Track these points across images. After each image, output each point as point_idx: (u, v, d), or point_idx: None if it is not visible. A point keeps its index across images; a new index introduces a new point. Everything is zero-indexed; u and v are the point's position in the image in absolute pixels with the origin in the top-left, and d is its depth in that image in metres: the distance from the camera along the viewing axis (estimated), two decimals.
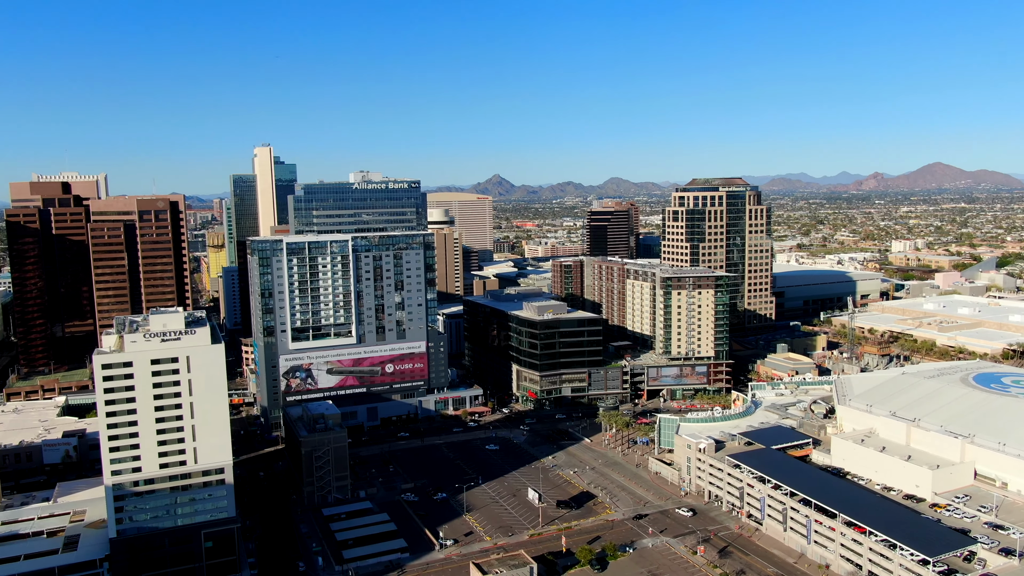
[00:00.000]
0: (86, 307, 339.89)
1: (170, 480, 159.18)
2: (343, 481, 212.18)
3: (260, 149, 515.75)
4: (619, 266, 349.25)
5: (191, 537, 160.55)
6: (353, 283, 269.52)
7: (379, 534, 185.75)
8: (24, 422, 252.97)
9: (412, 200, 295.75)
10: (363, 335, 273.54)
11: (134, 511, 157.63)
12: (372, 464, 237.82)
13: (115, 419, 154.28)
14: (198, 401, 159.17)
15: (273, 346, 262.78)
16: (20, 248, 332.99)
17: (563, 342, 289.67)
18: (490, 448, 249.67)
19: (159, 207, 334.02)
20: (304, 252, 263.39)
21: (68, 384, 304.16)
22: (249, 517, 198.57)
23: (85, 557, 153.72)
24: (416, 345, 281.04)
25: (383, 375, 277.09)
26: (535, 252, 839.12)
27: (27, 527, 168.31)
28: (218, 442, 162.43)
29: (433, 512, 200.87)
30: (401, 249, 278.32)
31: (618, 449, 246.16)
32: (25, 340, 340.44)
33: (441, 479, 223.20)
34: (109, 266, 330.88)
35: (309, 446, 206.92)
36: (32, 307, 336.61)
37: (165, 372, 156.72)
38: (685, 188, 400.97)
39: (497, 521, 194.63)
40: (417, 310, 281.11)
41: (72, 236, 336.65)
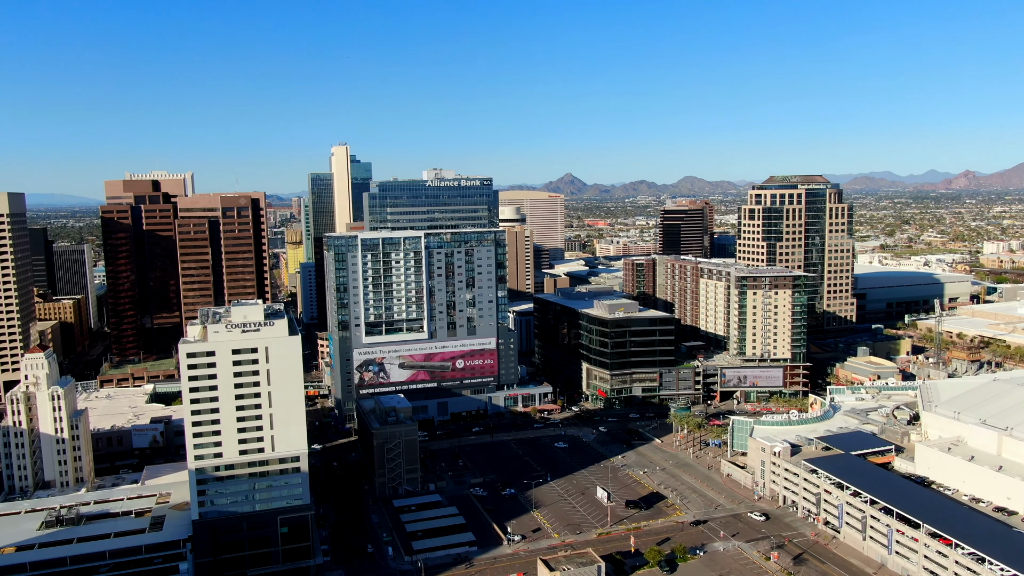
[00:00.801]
0: (173, 300, 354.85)
1: (248, 466, 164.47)
2: (413, 474, 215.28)
3: (337, 148, 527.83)
4: (692, 265, 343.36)
5: (268, 522, 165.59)
6: (425, 279, 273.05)
7: (448, 527, 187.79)
8: (115, 408, 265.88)
9: (484, 198, 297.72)
10: (434, 330, 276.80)
11: (215, 495, 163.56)
12: (442, 458, 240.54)
13: (198, 406, 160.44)
14: (276, 390, 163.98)
15: (347, 340, 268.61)
16: (114, 243, 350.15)
17: (634, 341, 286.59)
18: (559, 446, 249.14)
19: (241, 204, 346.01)
20: (378, 248, 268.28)
21: (156, 373, 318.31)
22: (323, 505, 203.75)
23: (170, 537, 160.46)
24: (486, 341, 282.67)
25: (453, 370, 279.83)
26: (606, 251, 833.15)
27: (117, 507, 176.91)
28: (294, 431, 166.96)
29: (501, 507, 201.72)
30: (473, 246, 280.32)
31: (689, 450, 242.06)
32: (117, 331, 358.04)
33: (510, 475, 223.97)
34: (194, 260, 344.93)
35: (381, 438, 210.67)
36: (124, 299, 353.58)
37: (245, 362, 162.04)
38: (762, 186, 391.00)
39: (565, 519, 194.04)
40: (488, 307, 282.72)
41: (161, 232, 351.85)
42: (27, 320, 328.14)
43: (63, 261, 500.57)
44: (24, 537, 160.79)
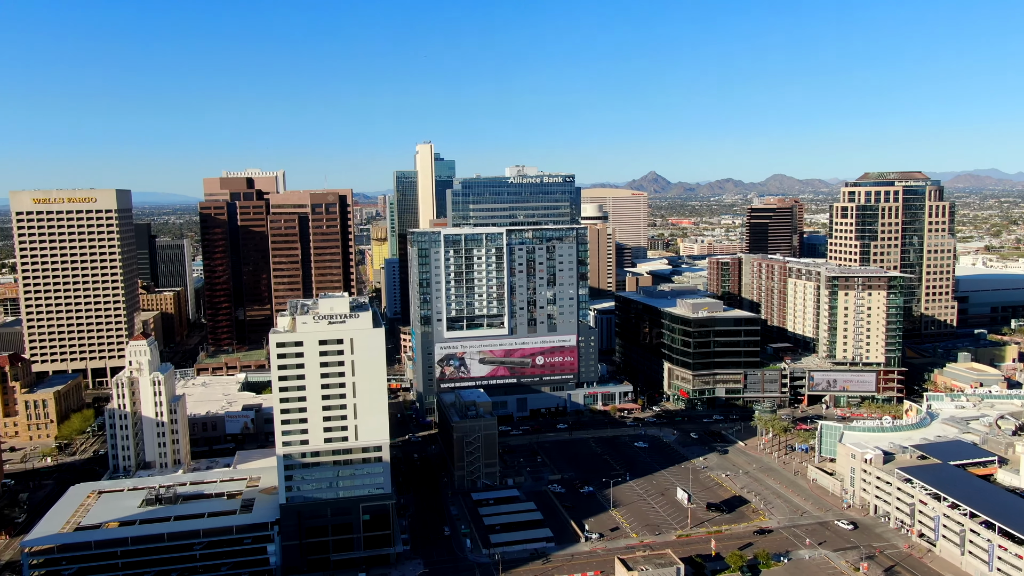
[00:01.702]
0: (264, 293, 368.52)
1: (333, 454, 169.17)
2: (492, 468, 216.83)
3: (421, 146, 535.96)
4: (780, 264, 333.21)
5: (350, 509, 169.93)
6: (506, 275, 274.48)
7: (526, 522, 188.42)
8: (210, 395, 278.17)
9: (566, 194, 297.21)
10: (515, 327, 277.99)
11: (301, 481, 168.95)
12: (520, 453, 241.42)
13: (287, 394, 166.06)
14: (359, 381, 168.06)
15: (429, 334, 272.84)
16: (210, 238, 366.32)
17: (718, 341, 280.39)
18: (639, 445, 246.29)
19: (329, 200, 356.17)
20: (460, 244, 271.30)
21: (248, 363, 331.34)
22: (403, 495, 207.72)
23: (259, 519, 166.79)
24: (567, 338, 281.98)
25: (533, 367, 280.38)
26: (690, 250, 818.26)
27: (211, 488, 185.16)
28: (377, 421, 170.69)
29: (579, 505, 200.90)
30: (554, 243, 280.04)
31: (774, 455, 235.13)
32: (213, 322, 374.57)
33: (588, 473, 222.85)
34: (285, 255, 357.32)
35: (461, 431, 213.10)
36: (219, 292, 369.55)
37: (331, 352, 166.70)
38: (856, 183, 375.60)
39: (644, 518, 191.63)
40: (568, 304, 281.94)
41: (254, 227, 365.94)
42: (132, 310, 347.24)
43: (165, 255, 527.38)
44: (126, 513, 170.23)
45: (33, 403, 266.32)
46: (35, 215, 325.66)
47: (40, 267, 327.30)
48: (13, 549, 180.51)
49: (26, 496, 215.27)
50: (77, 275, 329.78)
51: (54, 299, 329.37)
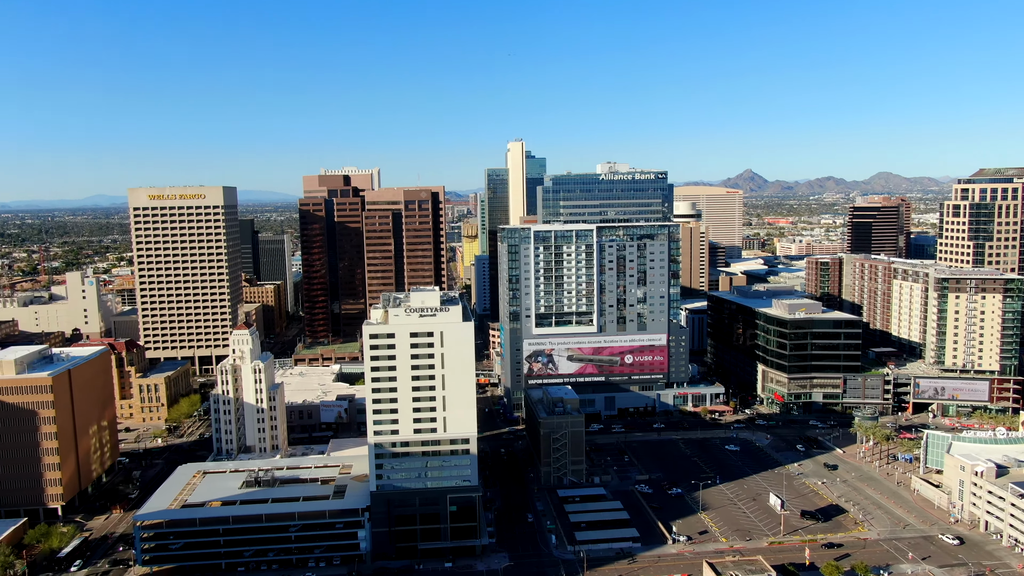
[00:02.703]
0: (359, 287, 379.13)
1: (422, 445, 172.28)
2: (579, 465, 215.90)
3: (513, 144, 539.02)
4: (885, 265, 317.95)
5: (438, 499, 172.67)
6: (596, 272, 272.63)
7: (612, 520, 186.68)
8: (307, 384, 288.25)
9: (658, 191, 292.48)
10: (604, 324, 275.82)
11: (391, 470, 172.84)
12: (607, 452, 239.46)
13: (378, 384, 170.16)
14: (449, 374, 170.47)
15: (518, 330, 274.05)
16: (309, 233, 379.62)
17: (816, 343, 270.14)
18: (729, 448, 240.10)
19: (422, 197, 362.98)
20: (550, 241, 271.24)
21: (342, 355, 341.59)
22: (490, 489, 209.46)
23: (350, 505, 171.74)
24: (657, 337, 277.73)
25: (622, 365, 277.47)
26: (788, 250, 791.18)
27: (306, 473, 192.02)
28: (465, 414, 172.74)
29: (667, 506, 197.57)
30: (645, 240, 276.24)
31: (875, 463, 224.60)
32: (310, 315, 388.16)
33: (676, 474, 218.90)
34: (378, 250, 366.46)
35: (548, 428, 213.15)
36: (316, 286, 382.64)
37: (421, 345, 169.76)
38: (970, 180, 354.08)
39: (734, 523, 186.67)
40: (659, 302, 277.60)
41: (350, 223, 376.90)
42: (236, 301, 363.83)
43: (266, 250, 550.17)
44: (228, 494, 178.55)
45: (146, 387, 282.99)
46: (150, 211, 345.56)
47: (154, 260, 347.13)
48: (126, 522, 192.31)
49: (139, 474, 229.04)
50: (187, 268, 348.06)
51: (166, 290, 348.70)
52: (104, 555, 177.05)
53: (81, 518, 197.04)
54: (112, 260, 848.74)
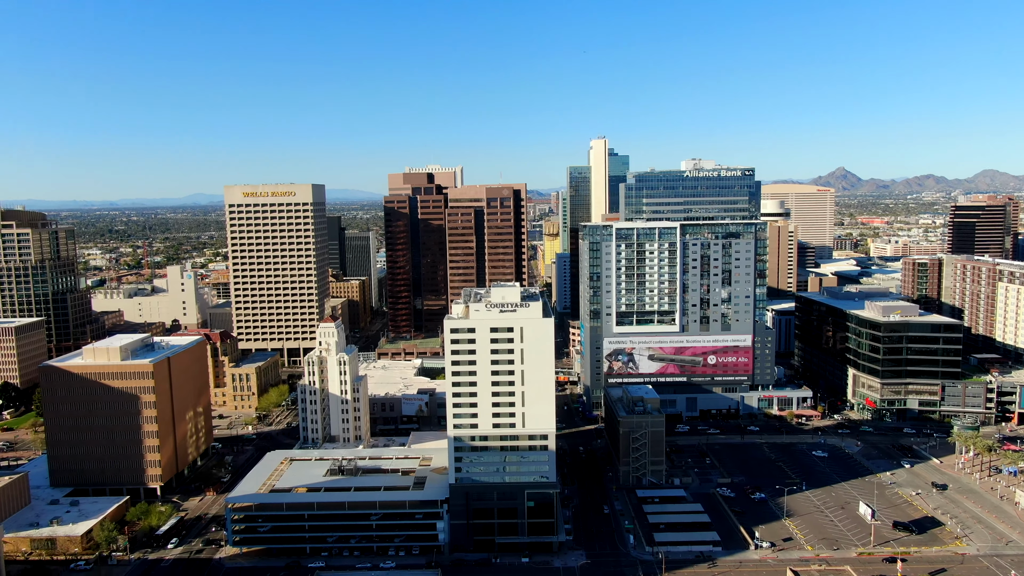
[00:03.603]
0: (441, 284, 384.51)
1: (500, 440, 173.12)
2: (658, 466, 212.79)
3: (596, 141, 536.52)
4: (990, 266, 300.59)
5: (515, 494, 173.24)
6: (679, 271, 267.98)
7: (692, 523, 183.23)
8: (389, 378, 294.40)
9: (745, 189, 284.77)
10: (686, 324, 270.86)
11: (469, 464, 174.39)
12: (688, 454, 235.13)
13: (458, 379, 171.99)
14: (528, 369, 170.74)
15: (598, 328, 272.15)
16: (393, 231, 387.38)
17: (911, 348, 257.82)
18: (817, 454, 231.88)
19: (504, 195, 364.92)
20: (632, 238, 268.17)
21: (424, 350, 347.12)
22: (567, 487, 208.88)
23: (430, 496, 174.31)
24: (741, 338, 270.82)
25: (704, 366, 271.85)
26: (882, 251, 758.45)
27: (387, 464, 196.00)
28: (543, 410, 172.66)
29: (750, 511, 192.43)
30: (731, 239, 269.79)
31: (975, 475, 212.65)
32: (393, 310, 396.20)
33: (760, 478, 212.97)
34: (460, 247, 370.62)
35: (627, 427, 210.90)
36: (400, 282, 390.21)
37: (501, 340, 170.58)
38: None
39: (820, 531, 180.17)
40: (744, 302, 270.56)
41: (433, 221, 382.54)
42: (323, 296, 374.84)
43: (352, 247, 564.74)
44: (313, 481, 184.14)
45: (238, 376, 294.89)
46: (244, 207, 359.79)
47: (247, 255, 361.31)
48: (219, 504, 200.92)
49: (231, 458, 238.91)
50: (277, 262, 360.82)
51: (258, 284, 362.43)
52: (198, 534, 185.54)
53: (178, 498, 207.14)
54: (209, 255, 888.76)
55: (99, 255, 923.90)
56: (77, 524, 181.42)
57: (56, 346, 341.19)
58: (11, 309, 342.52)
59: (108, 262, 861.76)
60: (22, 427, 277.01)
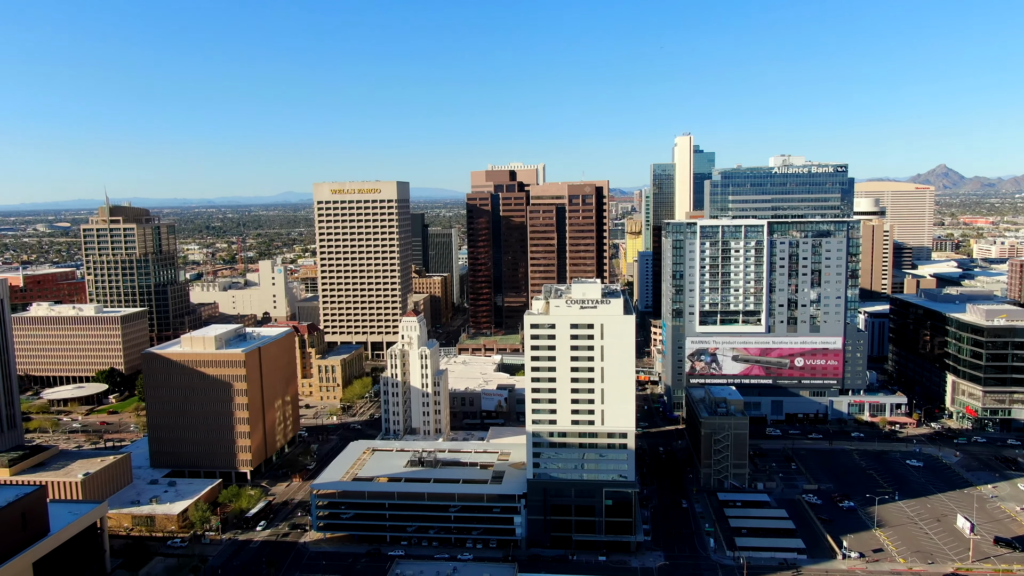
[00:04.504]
0: (521, 281, 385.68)
1: (579, 436, 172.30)
2: (741, 469, 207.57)
3: (680, 138, 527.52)
4: None
5: (593, 492, 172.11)
6: (766, 270, 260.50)
7: (775, 529, 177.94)
8: (469, 373, 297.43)
9: (837, 186, 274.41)
10: (772, 325, 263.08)
11: (547, 460, 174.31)
12: (772, 458, 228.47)
13: (538, 374, 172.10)
14: (608, 367, 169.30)
15: (680, 328, 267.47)
16: (475, 227, 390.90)
17: (1017, 354, 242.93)
18: (911, 463, 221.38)
19: (586, 192, 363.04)
20: (717, 236, 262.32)
21: (504, 346, 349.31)
22: (646, 487, 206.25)
23: (507, 491, 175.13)
24: (831, 341, 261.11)
25: (791, 368, 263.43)
26: (987, 252, 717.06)
27: (466, 457, 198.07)
28: (623, 408, 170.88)
29: (837, 519, 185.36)
30: (821, 238, 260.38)
31: None
32: (474, 306, 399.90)
33: (849, 486, 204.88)
34: (542, 244, 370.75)
35: (709, 428, 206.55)
36: (481, 279, 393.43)
37: (581, 336, 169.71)
38: None
39: (913, 543, 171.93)
40: (834, 304, 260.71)
41: (515, 218, 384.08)
42: (406, 291, 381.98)
43: (435, 243, 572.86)
44: (394, 471, 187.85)
45: (325, 368, 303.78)
46: (332, 204, 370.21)
47: (334, 250, 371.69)
48: (304, 491, 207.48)
49: (316, 447, 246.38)
50: (363, 258, 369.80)
51: (344, 278, 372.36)
52: (285, 518, 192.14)
53: (266, 483, 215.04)
54: (298, 251, 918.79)
55: (197, 250, 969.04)
56: (174, 504, 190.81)
57: (157, 335, 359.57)
58: (117, 299, 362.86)
59: (205, 257, 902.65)
60: (126, 411, 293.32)
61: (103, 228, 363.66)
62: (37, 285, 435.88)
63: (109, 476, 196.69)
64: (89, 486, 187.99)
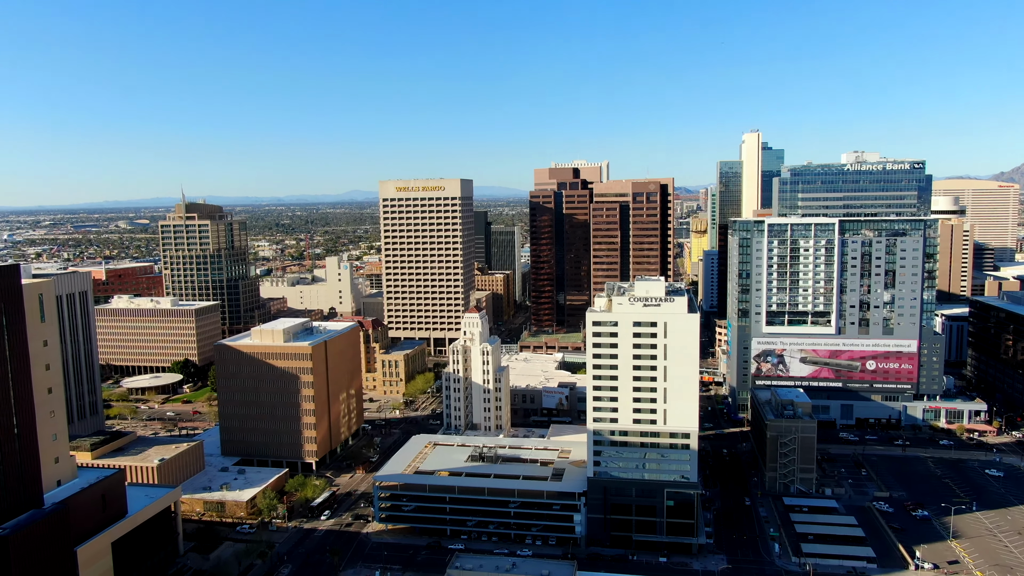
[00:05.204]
0: (584, 279, 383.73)
1: (640, 436, 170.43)
2: (808, 474, 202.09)
3: (748, 135, 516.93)
4: None
5: (654, 492, 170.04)
6: (837, 269, 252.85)
7: (844, 536, 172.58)
8: (530, 370, 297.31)
9: (913, 183, 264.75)
10: (843, 326, 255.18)
11: (608, 458, 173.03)
12: (841, 464, 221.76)
13: (599, 372, 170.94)
14: (671, 366, 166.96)
15: (746, 328, 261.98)
16: (538, 225, 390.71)
17: None
18: (991, 473, 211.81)
19: (650, 189, 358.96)
20: (785, 234, 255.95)
21: (565, 344, 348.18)
22: (709, 489, 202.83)
23: (568, 488, 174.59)
24: (905, 344, 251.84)
25: (862, 372, 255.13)
26: None
27: (526, 454, 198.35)
28: (686, 408, 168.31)
29: (910, 528, 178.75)
30: (895, 237, 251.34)
31: None
32: (536, 304, 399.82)
33: (923, 495, 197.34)
34: (605, 242, 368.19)
35: (775, 430, 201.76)
36: (543, 277, 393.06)
37: (644, 335, 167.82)
38: None
39: (992, 556, 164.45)
40: (909, 306, 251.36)
41: (578, 216, 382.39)
42: (468, 288, 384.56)
43: (497, 241, 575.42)
44: (455, 465, 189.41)
45: (388, 363, 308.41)
46: (397, 201, 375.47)
47: (398, 247, 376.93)
48: (367, 482, 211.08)
49: (379, 440, 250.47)
50: (426, 254, 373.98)
51: (407, 275, 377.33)
52: (348, 509, 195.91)
53: (330, 474, 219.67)
54: (364, 248, 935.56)
55: (267, 246, 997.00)
56: (243, 491, 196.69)
57: (228, 328, 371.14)
58: (191, 293, 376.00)
59: (274, 253, 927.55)
60: (199, 400, 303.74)
61: (179, 224, 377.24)
62: (118, 279, 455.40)
63: (183, 462, 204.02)
64: (164, 471, 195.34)
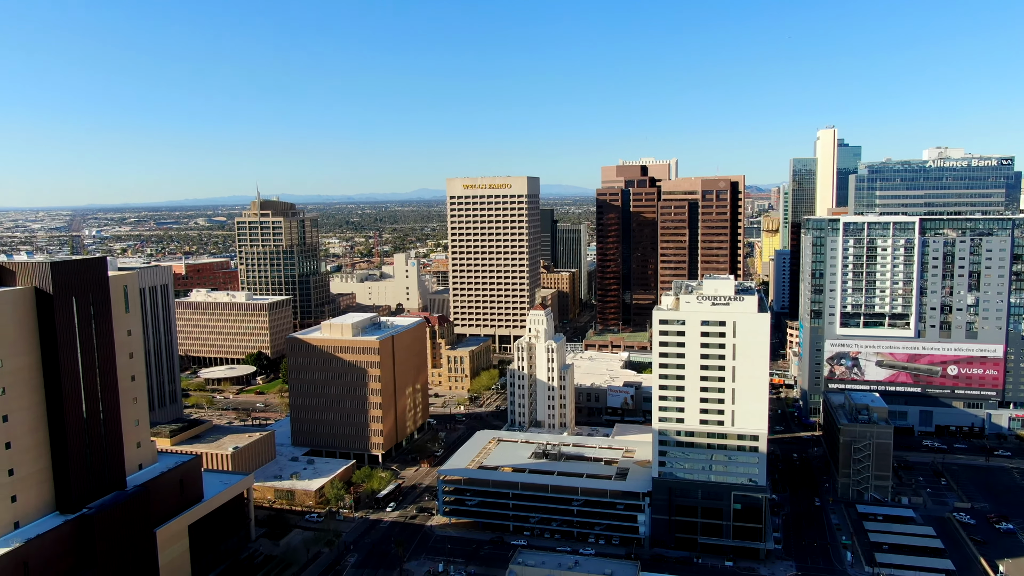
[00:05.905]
0: (651, 278, 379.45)
1: (707, 437, 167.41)
2: (883, 481, 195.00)
3: (823, 132, 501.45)
4: None
5: (721, 495, 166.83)
6: (917, 270, 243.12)
7: (921, 547, 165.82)
8: (595, 369, 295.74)
9: (1001, 180, 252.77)
10: (923, 329, 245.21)
11: (674, 459, 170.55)
12: (919, 472, 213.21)
13: (666, 371, 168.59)
14: (740, 366, 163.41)
15: (819, 329, 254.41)
16: (604, 223, 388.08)
17: None
18: None
19: (720, 187, 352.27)
20: (862, 233, 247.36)
21: (631, 343, 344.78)
22: (778, 494, 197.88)
23: (632, 488, 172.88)
24: (990, 348, 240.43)
25: (943, 377, 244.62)
26: None
27: (590, 453, 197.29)
28: (755, 409, 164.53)
29: (993, 541, 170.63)
30: (981, 236, 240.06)
31: None
32: (602, 303, 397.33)
33: (1008, 507, 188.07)
34: (672, 241, 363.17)
35: (849, 435, 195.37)
36: (610, 276, 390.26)
37: (712, 334, 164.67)
38: None
39: None
40: (996, 309, 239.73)
41: (645, 214, 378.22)
42: (534, 286, 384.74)
43: (563, 239, 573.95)
44: (519, 462, 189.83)
45: (454, 358, 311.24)
46: (464, 199, 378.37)
47: (465, 244, 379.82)
48: (431, 476, 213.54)
49: (444, 435, 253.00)
50: (492, 252, 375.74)
51: (474, 272, 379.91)
52: (413, 501, 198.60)
53: (396, 467, 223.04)
54: (431, 246, 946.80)
55: (337, 243, 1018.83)
56: (312, 481, 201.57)
57: (300, 322, 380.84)
58: (265, 288, 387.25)
59: (344, 250, 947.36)
60: (271, 392, 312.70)
61: (254, 221, 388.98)
62: (197, 273, 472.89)
63: (255, 451, 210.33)
64: (238, 459, 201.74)
